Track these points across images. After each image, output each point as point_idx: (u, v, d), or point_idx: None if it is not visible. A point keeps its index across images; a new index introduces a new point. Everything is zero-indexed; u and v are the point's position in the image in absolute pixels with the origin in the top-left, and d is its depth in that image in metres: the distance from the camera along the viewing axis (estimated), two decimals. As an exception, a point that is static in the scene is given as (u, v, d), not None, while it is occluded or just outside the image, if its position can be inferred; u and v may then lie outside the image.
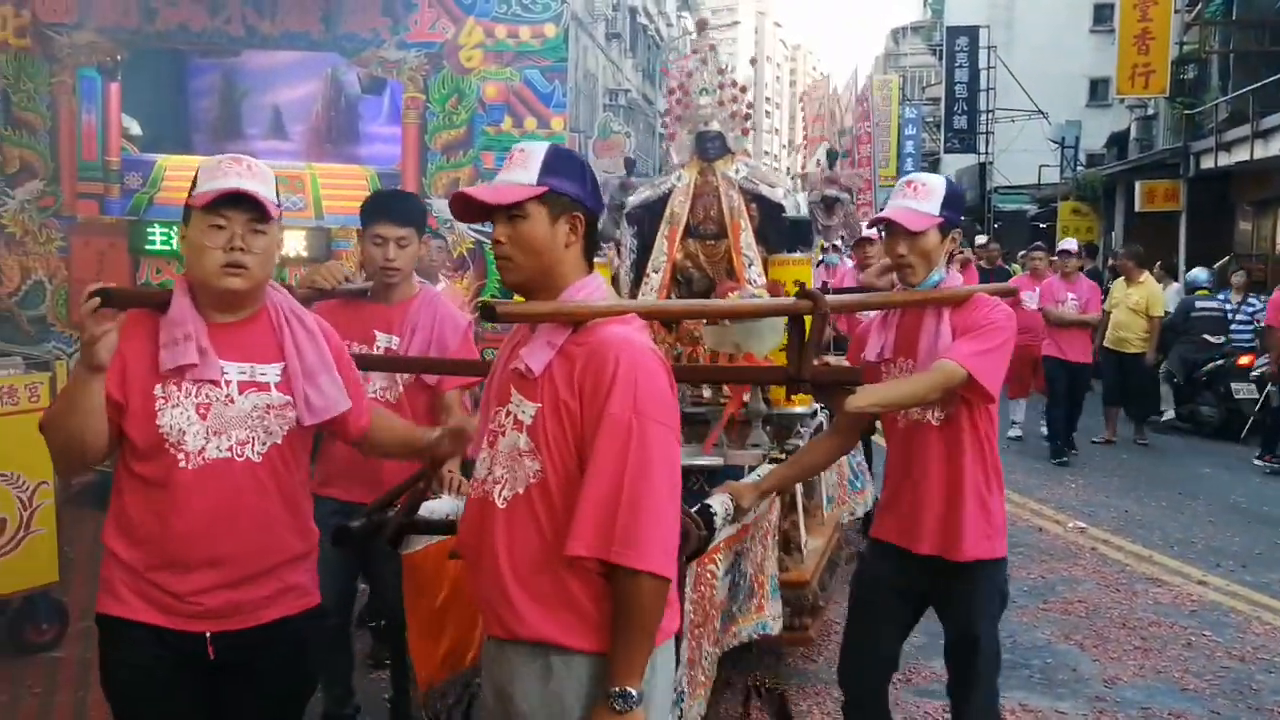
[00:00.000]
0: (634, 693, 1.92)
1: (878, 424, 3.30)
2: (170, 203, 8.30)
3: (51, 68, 8.52)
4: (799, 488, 3.94)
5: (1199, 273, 12.95)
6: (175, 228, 8.11)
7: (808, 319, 2.70)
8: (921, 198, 2.99)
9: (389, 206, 3.61)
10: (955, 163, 29.92)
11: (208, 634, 2.31)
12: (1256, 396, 10.57)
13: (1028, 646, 4.56)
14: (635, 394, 1.92)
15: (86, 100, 8.73)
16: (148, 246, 7.86)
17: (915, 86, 38.56)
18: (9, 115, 8.54)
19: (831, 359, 4.14)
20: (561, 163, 2.06)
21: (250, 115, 10.48)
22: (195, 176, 2.36)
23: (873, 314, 3.33)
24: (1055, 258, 10.73)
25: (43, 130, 8.68)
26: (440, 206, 8.46)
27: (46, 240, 8.25)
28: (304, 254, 7.08)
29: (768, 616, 3.40)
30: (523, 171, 2.05)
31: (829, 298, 2.77)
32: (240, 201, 2.28)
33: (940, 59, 31.38)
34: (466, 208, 2.09)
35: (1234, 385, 10.75)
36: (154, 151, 8.78)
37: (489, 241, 2.28)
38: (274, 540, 2.36)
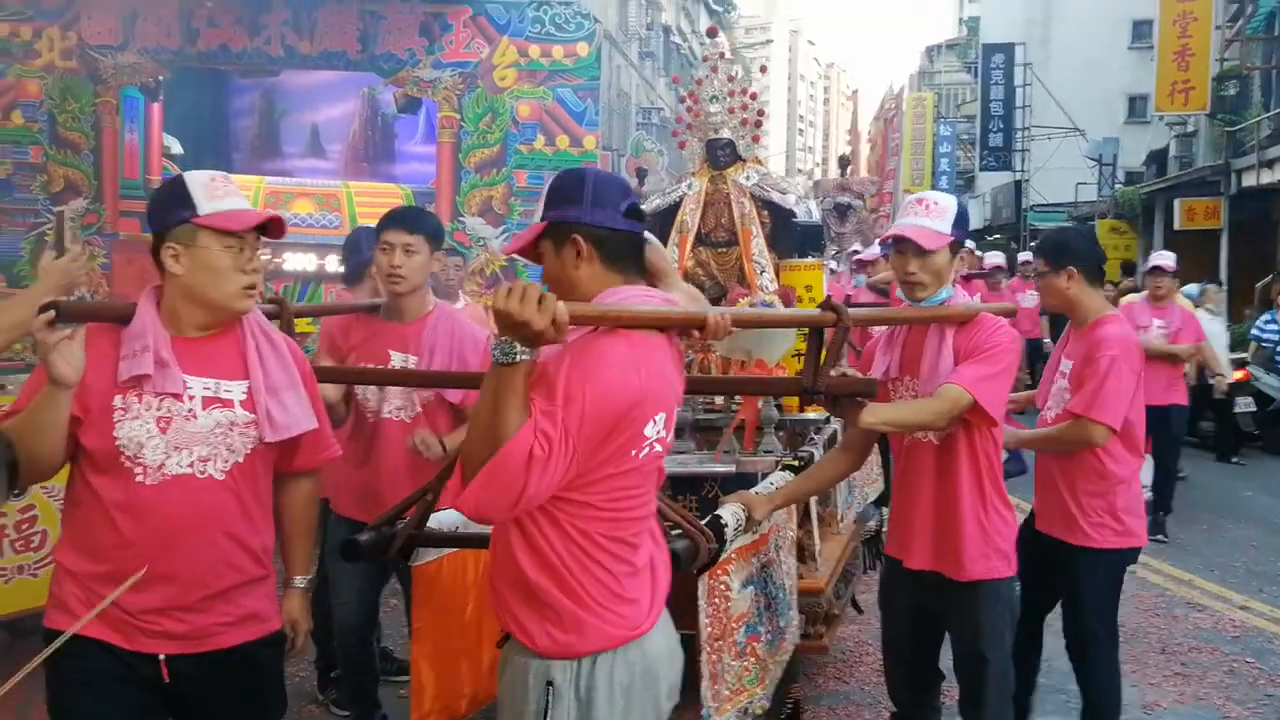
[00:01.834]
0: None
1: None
2: (209, 221, 8.46)
3: (96, 88, 8.73)
4: (812, 498, 3.94)
5: (1191, 288, 12.69)
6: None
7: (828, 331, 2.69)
8: (935, 216, 3.00)
9: (398, 214, 3.59)
10: (990, 180, 29.74)
11: (162, 656, 2.24)
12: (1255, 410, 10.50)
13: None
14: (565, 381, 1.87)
15: (129, 120, 8.92)
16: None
17: (950, 104, 38.41)
18: (55, 135, 8.74)
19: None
20: (558, 190, 2.07)
21: (289, 134, 10.67)
22: (184, 191, 2.29)
23: (881, 331, 3.34)
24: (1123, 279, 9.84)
25: (86, 150, 8.88)
26: (474, 224, 8.55)
27: (90, 257, 8.41)
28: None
29: (798, 626, 3.47)
30: (539, 211, 2.10)
31: (852, 311, 2.74)
32: (258, 228, 2.33)
33: (975, 76, 31.24)
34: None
35: (1237, 399, 10.59)
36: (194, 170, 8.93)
37: (521, 260, 2.29)
38: (232, 560, 2.30)
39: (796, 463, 3.60)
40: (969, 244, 8.11)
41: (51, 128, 8.69)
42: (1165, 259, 8.03)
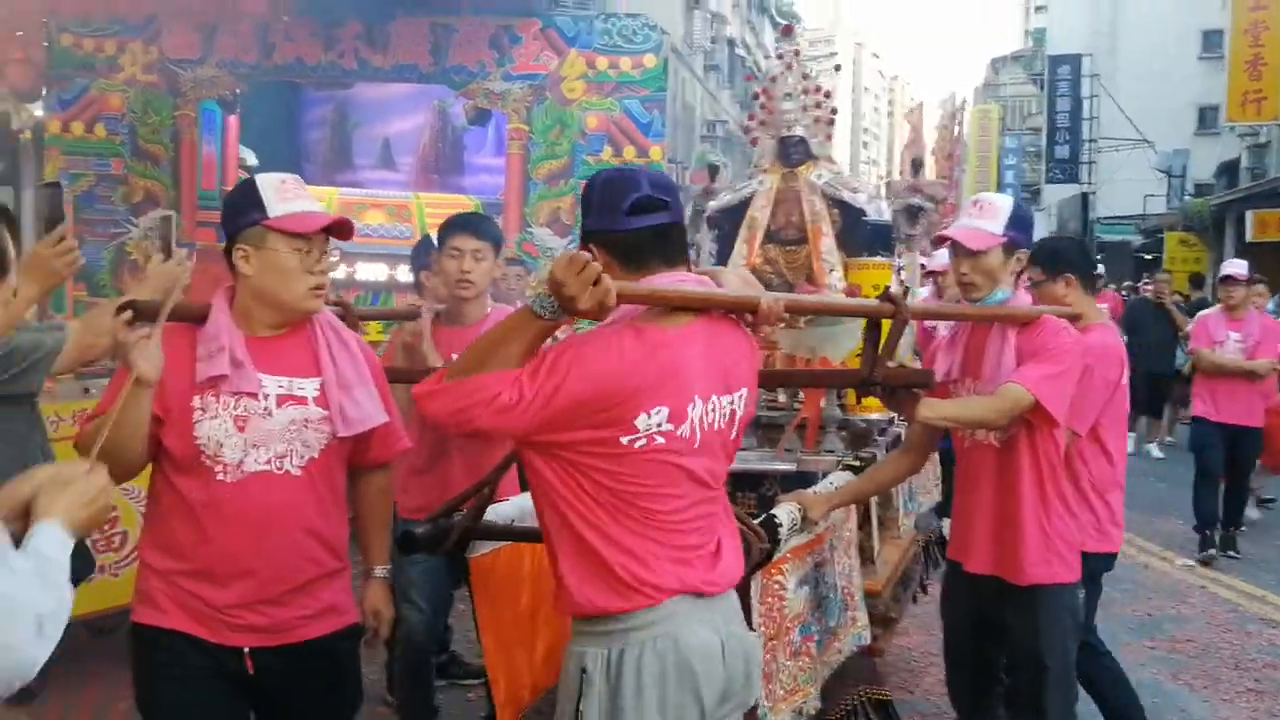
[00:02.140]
0: None
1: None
2: (283, 230, 8.67)
3: (175, 101, 8.99)
4: (873, 499, 3.90)
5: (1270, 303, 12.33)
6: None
7: (885, 322, 2.66)
8: (987, 217, 2.99)
9: (466, 221, 3.62)
10: (1057, 193, 29.38)
11: (246, 649, 2.29)
12: None
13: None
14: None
15: (207, 132, 9.18)
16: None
17: (1016, 116, 37.99)
18: (135, 147, 9.02)
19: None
20: (582, 201, 2.15)
21: (360, 146, 10.90)
22: (255, 193, 2.33)
23: (944, 333, 3.33)
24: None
25: (165, 161, 9.15)
26: (541, 235, 8.67)
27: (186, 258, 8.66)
28: (411, 280, 7.29)
29: (861, 628, 3.42)
30: None
31: (910, 304, 2.75)
32: (320, 227, 2.36)
33: (1041, 88, 30.88)
34: None
35: None
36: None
37: None
38: (311, 554, 2.34)
39: (858, 463, 3.58)
40: (1236, 272, 7.46)
41: (132, 140, 8.96)
42: (1237, 267, 7.50)
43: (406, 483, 3.55)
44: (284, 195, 2.34)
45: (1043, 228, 27.82)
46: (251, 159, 9.62)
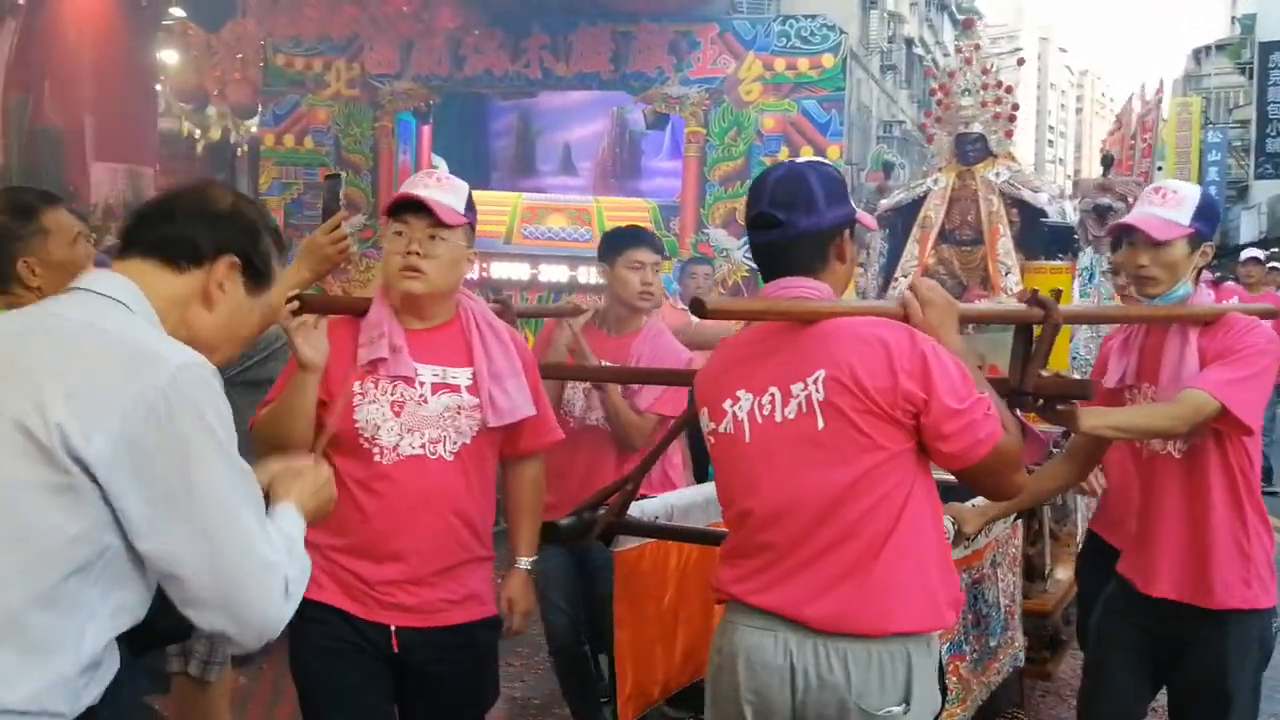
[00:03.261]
0: None
1: None
2: (472, 234, 9.08)
3: (375, 114, 9.57)
4: (1047, 512, 3.71)
5: None
6: (479, 258, 8.88)
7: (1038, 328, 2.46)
8: (1171, 205, 2.68)
9: (640, 235, 3.69)
10: (1267, 189, 27.41)
11: (393, 627, 2.37)
12: None
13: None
14: None
15: (403, 142, 9.71)
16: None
17: (1220, 109, 35.73)
18: (339, 157, 9.62)
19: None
20: None
21: (543, 153, 11.28)
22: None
23: (1116, 335, 3.10)
24: None
25: (366, 170, 9.73)
26: (717, 236, 8.77)
27: (366, 269, 9.20)
28: (592, 283, 7.53)
29: (1019, 648, 3.29)
30: None
31: (1063, 308, 2.51)
32: (419, 209, 2.36)
33: (1250, 78, 28.93)
34: None
35: None
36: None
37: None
38: (459, 537, 2.41)
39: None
40: (1257, 254, 7.27)
41: (336, 150, 9.57)
42: None
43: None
44: (410, 183, 2.42)
45: (1252, 227, 26.08)
46: (443, 167, 10.06)
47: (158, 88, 10.35)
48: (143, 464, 1.40)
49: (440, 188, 2.43)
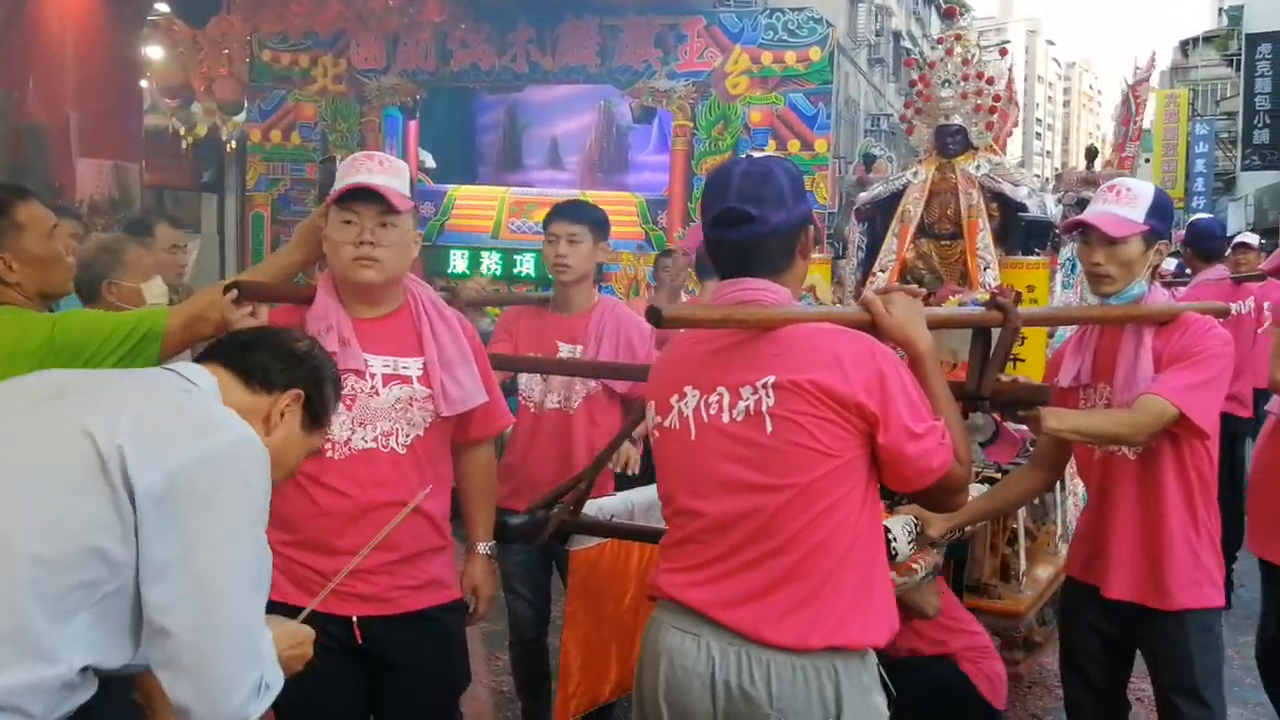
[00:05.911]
0: None
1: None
2: (460, 229, 9.07)
3: (362, 109, 9.54)
4: (1022, 513, 3.64)
5: None
6: (467, 252, 8.86)
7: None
8: (1125, 203, 2.69)
9: (563, 207, 3.63)
10: (1254, 181, 27.52)
11: (354, 617, 2.37)
12: None
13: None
14: None
15: (389, 137, 9.68)
16: (448, 270, 8.61)
17: (1208, 101, 35.82)
18: (326, 152, 9.56)
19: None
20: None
21: (530, 147, 11.25)
22: (335, 173, 2.40)
23: (1070, 334, 3.08)
24: None
25: (353, 165, 9.69)
26: (705, 229, 8.76)
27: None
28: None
29: None
30: None
31: (1023, 310, 2.51)
32: (369, 196, 2.32)
33: (1237, 70, 29.03)
34: None
35: None
36: (445, 182, 9.62)
37: None
38: (414, 529, 2.38)
39: (998, 475, 3.31)
40: (1248, 239, 7.10)
41: (324, 146, 9.54)
42: None
43: (503, 473, 3.40)
44: (345, 171, 2.37)
45: (1239, 219, 26.18)
46: (430, 162, 10.07)
47: (143, 84, 10.29)
48: (182, 511, 1.47)
49: (385, 172, 2.37)
